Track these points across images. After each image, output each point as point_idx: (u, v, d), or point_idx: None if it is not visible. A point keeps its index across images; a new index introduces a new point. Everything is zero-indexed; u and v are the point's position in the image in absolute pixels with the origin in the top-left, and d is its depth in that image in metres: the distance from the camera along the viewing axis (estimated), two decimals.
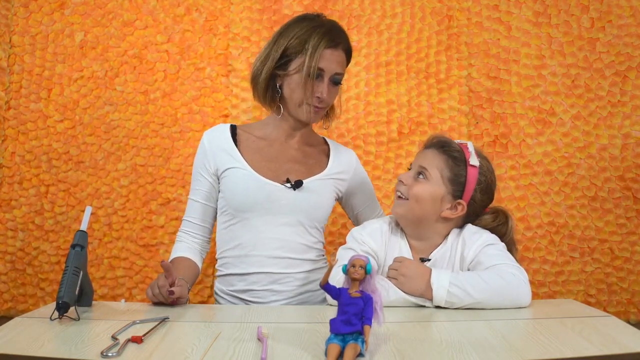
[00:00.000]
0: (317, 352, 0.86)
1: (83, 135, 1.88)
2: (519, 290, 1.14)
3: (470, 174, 1.26)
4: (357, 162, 1.55)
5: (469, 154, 1.28)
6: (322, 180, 1.44)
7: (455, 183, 1.26)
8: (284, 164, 1.44)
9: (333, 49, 1.37)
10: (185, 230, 1.45)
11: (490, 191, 1.31)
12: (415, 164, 1.30)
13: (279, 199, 1.38)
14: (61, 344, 0.91)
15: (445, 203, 1.27)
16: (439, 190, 1.26)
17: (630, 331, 0.97)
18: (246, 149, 1.43)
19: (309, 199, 1.40)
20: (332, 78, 1.38)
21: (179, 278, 1.23)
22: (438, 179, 1.26)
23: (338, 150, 1.54)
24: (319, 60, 1.34)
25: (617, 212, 1.89)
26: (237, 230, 1.40)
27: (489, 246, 1.23)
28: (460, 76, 1.93)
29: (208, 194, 1.44)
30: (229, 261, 1.42)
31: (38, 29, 1.89)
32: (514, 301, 1.14)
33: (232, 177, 1.39)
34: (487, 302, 1.12)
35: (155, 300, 1.20)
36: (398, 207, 1.30)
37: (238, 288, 1.39)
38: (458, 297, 1.12)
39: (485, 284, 1.13)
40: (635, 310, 1.87)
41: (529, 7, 1.94)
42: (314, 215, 1.42)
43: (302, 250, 1.40)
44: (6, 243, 1.85)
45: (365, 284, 0.87)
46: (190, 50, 1.91)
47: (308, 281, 1.40)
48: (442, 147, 1.29)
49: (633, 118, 1.91)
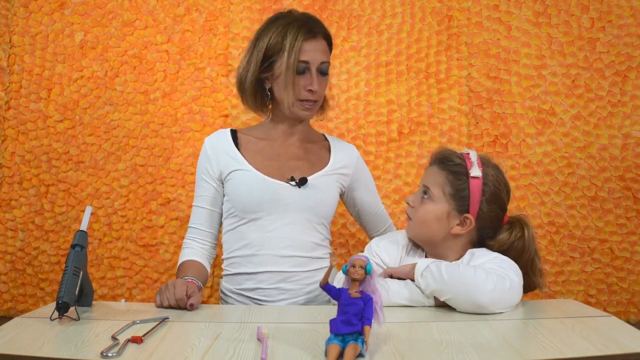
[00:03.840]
0: (317, 352, 0.86)
1: (83, 135, 1.88)
2: (480, 287, 1.09)
3: (472, 187, 1.23)
4: (358, 156, 1.56)
5: (471, 164, 1.24)
6: (325, 176, 1.45)
7: (458, 198, 1.24)
8: (287, 161, 1.44)
9: (312, 39, 1.36)
10: (191, 237, 1.45)
11: (499, 200, 1.26)
12: (421, 183, 1.30)
13: (285, 197, 1.38)
14: (61, 344, 0.91)
15: (452, 219, 1.25)
16: (442, 208, 1.24)
17: (630, 331, 0.97)
18: (248, 150, 1.44)
19: (315, 195, 1.41)
20: (319, 68, 1.38)
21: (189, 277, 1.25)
22: (440, 196, 1.25)
23: (339, 145, 1.54)
24: (299, 53, 1.34)
25: (617, 212, 1.89)
26: (244, 230, 1.40)
27: (495, 258, 1.21)
28: (460, 76, 1.93)
29: (213, 199, 1.44)
30: (236, 260, 1.42)
31: (38, 29, 1.89)
32: (472, 295, 1.09)
33: (236, 179, 1.40)
34: (453, 290, 1.11)
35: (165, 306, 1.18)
36: (408, 230, 1.31)
37: (246, 287, 1.40)
38: (432, 275, 1.13)
39: (458, 271, 1.13)
40: (635, 310, 1.87)
41: (529, 7, 1.94)
42: (320, 212, 1.42)
43: (310, 248, 1.41)
44: (6, 243, 1.85)
45: (366, 284, 0.87)
46: (190, 50, 1.91)
47: (315, 280, 1.41)
48: (442, 163, 1.27)
49: (633, 118, 1.91)
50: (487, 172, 1.25)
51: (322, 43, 1.39)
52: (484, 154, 1.31)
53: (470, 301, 1.10)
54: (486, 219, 1.25)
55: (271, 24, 1.39)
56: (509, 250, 1.24)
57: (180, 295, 1.16)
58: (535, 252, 1.27)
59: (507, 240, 1.25)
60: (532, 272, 1.26)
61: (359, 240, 1.90)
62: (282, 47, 1.34)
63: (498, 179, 1.27)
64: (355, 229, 1.89)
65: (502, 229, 1.27)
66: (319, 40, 1.38)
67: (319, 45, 1.38)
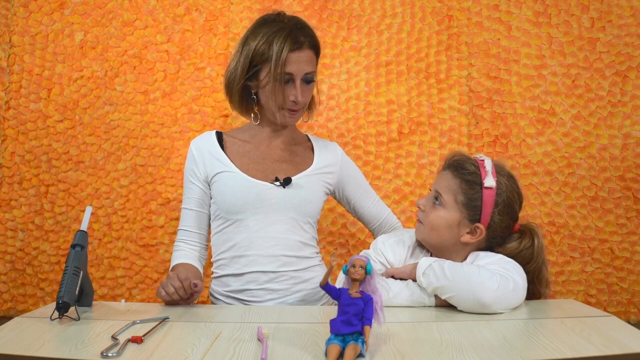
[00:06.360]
0: (317, 352, 0.86)
1: (83, 135, 1.88)
2: (484, 286, 1.09)
3: (485, 197, 1.21)
4: (342, 153, 1.56)
5: (485, 173, 1.22)
6: (309, 176, 1.45)
7: (470, 207, 1.22)
8: (272, 164, 1.45)
9: (298, 50, 1.35)
10: (182, 239, 1.46)
11: (511, 211, 1.24)
12: (433, 188, 1.28)
13: (269, 197, 1.39)
14: (61, 344, 0.90)
15: (463, 228, 1.23)
16: (454, 216, 1.23)
17: (630, 331, 0.97)
18: (233, 153, 1.45)
19: (299, 194, 1.41)
20: (304, 78, 1.38)
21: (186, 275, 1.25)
22: (452, 204, 1.23)
23: (322, 145, 1.55)
24: (284, 65, 1.34)
25: (617, 212, 1.89)
26: (230, 232, 1.41)
27: (500, 260, 1.20)
28: (460, 76, 1.93)
29: (201, 200, 1.45)
30: (224, 262, 1.42)
31: (38, 29, 1.89)
32: (476, 293, 1.09)
33: (221, 181, 1.41)
34: (456, 287, 1.10)
35: (168, 299, 1.20)
36: (418, 232, 1.29)
37: (234, 288, 1.40)
38: (435, 273, 1.14)
39: (462, 269, 1.13)
40: (635, 310, 1.87)
41: (529, 7, 1.94)
42: (305, 211, 1.42)
43: (296, 247, 1.41)
44: (6, 243, 1.85)
45: (366, 284, 0.87)
46: (190, 50, 1.91)
47: (303, 279, 1.41)
48: (456, 170, 1.25)
49: (633, 118, 1.91)
50: (500, 181, 1.23)
51: (307, 53, 1.38)
52: (498, 161, 1.28)
53: (473, 299, 1.09)
54: (497, 229, 1.24)
55: (259, 28, 1.39)
56: (516, 258, 1.22)
57: (184, 275, 1.18)
58: (543, 262, 1.25)
59: (516, 249, 1.24)
60: (538, 281, 1.25)
61: (359, 241, 1.90)
62: (268, 56, 1.34)
63: (511, 189, 1.24)
64: (356, 229, 1.89)
65: (511, 237, 1.26)
66: (304, 51, 1.37)
67: (305, 57, 1.37)
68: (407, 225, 1.82)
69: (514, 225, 1.26)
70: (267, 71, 1.36)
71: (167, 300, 1.21)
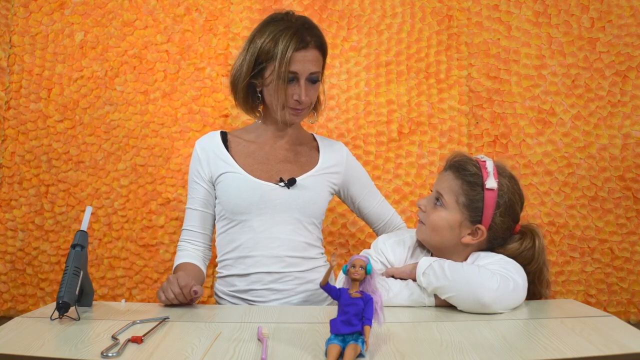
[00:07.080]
0: (317, 352, 0.86)
1: (83, 135, 1.88)
2: (484, 285, 1.09)
3: (487, 198, 1.21)
4: (348, 153, 1.56)
5: (487, 174, 1.21)
6: (315, 176, 1.45)
7: (471, 209, 1.22)
8: (276, 164, 1.45)
9: (303, 50, 1.35)
10: (186, 239, 1.45)
11: (513, 213, 1.24)
12: (434, 188, 1.28)
13: (274, 198, 1.39)
14: (61, 344, 0.91)
15: (464, 229, 1.23)
16: (455, 217, 1.23)
17: (630, 331, 0.97)
18: (238, 153, 1.45)
19: (304, 195, 1.41)
20: (309, 78, 1.37)
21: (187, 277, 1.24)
22: (454, 205, 1.23)
23: (327, 145, 1.54)
24: (289, 64, 1.33)
25: (617, 212, 1.89)
26: (235, 233, 1.41)
27: (500, 260, 1.20)
28: (460, 76, 1.93)
29: (205, 201, 1.45)
30: (229, 263, 1.42)
31: (38, 29, 1.89)
32: (476, 293, 1.09)
33: (226, 181, 1.41)
34: (456, 287, 1.10)
35: (167, 303, 1.20)
36: (419, 233, 1.29)
37: (239, 288, 1.40)
38: (435, 273, 1.14)
39: (462, 269, 1.13)
40: (635, 310, 1.88)
41: (529, 7, 1.94)
42: (309, 211, 1.42)
43: (301, 248, 1.41)
44: (6, 243, 1.85)
45: (366, 284, 0.87)
46: (190, 50, 1.91)
47: (308, 280, 1.41)
48: (457, 171, 1.24)
49: (633, 118, 1.91)
50: (502, 182, 1.23)
51: (313, 53, 1.37)
52: (499, 162, 1.27)
53: (473, 299, 1.09)
54: (498, 230, 1.23)
55: (266, 27, 1.39)
56: (517, 259, 1.22)
57: (184, 282, 1.17)
58: (544, 262, 1.25)
59: (517, 249, 1.24)
60: (538, 282, 1.25)
61: (359, 240, 1.90)
62: (273, 54, 1.34)
63: (513, 190, 1.24)
64: (356, 229, 1.89)
65: (512, 238, 1.26)
66: (310, 50, 1.37)
67: (310, 56, 1.36)
68: (407, 226, 1.82)
69: (515, 226, 1.26)
70: (272, 69, 1.35)
71: (166, 304, 1.21)
